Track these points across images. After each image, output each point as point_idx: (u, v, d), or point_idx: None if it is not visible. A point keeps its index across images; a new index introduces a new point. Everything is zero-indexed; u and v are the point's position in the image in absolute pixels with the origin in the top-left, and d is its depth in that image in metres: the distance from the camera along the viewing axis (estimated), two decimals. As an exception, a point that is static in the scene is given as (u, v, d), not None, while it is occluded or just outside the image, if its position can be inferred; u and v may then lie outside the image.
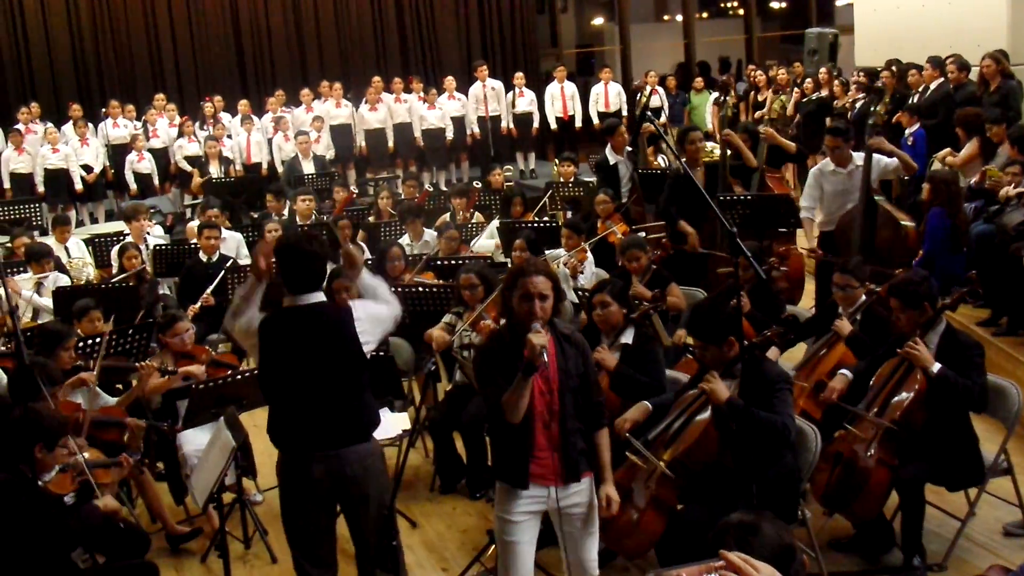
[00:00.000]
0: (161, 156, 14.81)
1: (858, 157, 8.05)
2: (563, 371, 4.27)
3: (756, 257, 4.82)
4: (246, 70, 17.83)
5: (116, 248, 9.67)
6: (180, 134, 14.85)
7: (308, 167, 13.58)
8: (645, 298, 6.74)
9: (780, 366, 5.27)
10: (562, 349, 4.31)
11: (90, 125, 14.97)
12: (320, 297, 4.57)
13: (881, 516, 5.29)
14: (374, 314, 4.60)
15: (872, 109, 11.77)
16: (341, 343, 4.47)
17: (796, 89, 14.22)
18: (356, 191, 13.71)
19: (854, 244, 7.81)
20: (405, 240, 9.65)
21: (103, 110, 15.35)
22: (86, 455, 5.30)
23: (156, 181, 14.77)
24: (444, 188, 15.28)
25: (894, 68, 11.95)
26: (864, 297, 6.12)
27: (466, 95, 16.46)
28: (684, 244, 8.40)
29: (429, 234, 9.74)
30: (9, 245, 10.20)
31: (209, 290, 8.91)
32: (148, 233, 10.21)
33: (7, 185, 14.26)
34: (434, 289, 7.49)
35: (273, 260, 4.61)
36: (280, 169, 14.48)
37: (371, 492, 4.56)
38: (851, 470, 5.15)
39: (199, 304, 8.82)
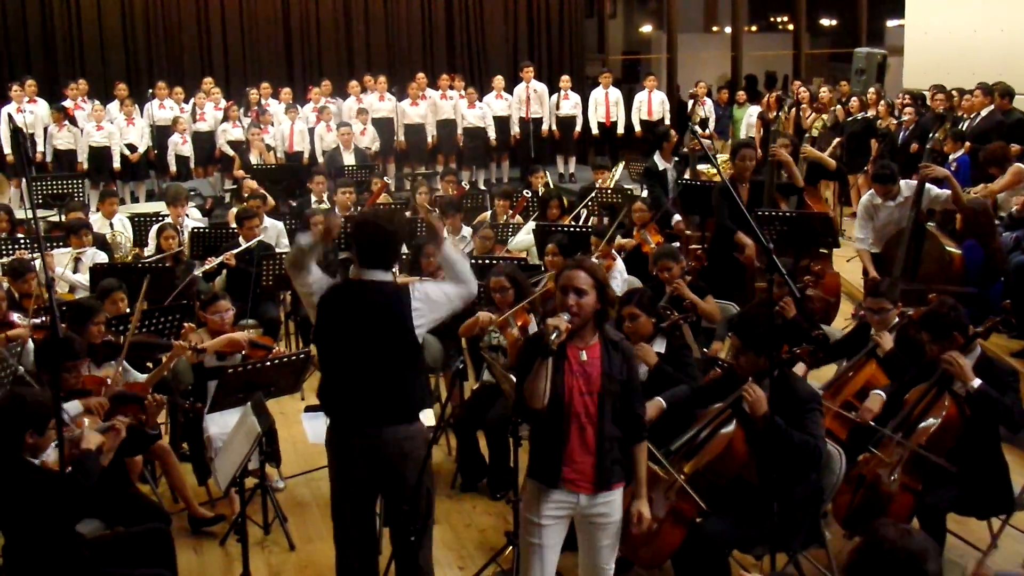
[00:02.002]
0: (207, 140, 14.91)
1: (906, 187, 8.01)
2: (606, 375, 4.25)
3: (790, 274, 4.81)
4: (293, 59, 17.96)
5: (155, 228, 9.76)
6: (225, 118, 14.96)
7: (349, 159, 13.63)
8: (688, 298, 6.77)
9: (810, 385, 5.25)
10: (608, 354, 4.29)
11: (136, 105, 15.09)
12: (386, 276, 4.61)
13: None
14: (435, 296, 4.61)
15: (932, 135, 11.69)
16: (392, 322, 4.51)
17: (841, 107, 14.13)
18: (391, 183, 13.73)
19: (897, 266, 7.77)
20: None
21: (150, 91, 15.49)
22: (86, 421, 5.31)
23: (193, 164, 14.89)
24: (482, 187, 15.31)
25: (946, 93, 11.86)
26: (897, 319, 6.08)
27: (511, 95, 16.46)
28: (740, 254, 8.30)
29: (467, 230, 9.77)
30: (58, 219, 10.34)
31: (233, 252, 9.03)
32: (186, 216, 10.29)
33: (49, 159, 14.38)
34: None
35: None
36: (320, 160, 14.54)
37: (407, 475, 4.54)
38: (873, 493, 5.12)
39: (218, 260, 8.92)
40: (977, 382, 5.01)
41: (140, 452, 5.97)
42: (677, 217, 9.90)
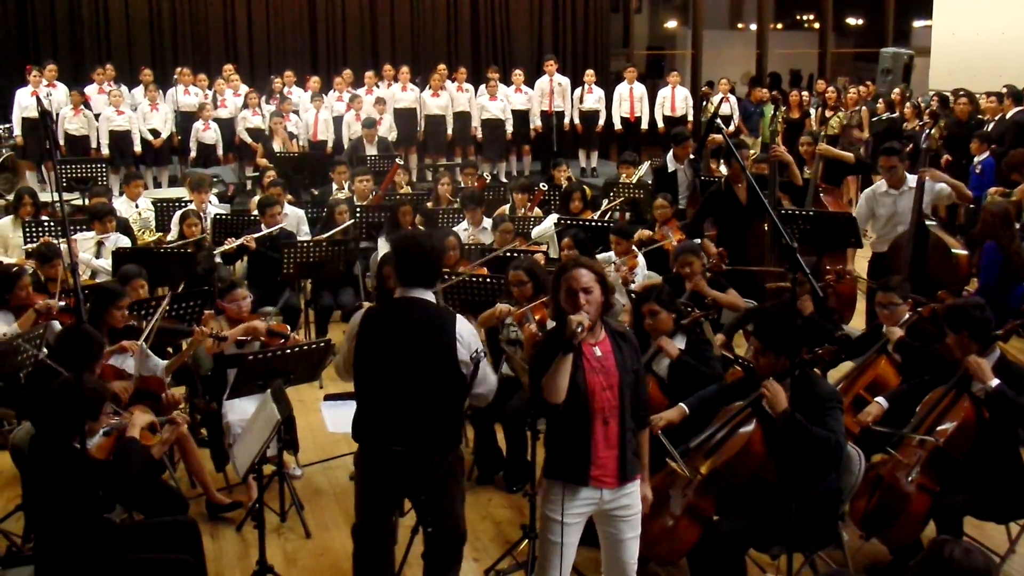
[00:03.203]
0: (227, 127, 14.95)
1: (911, 179, 8.00)
2: (621, 367, 4.27)
3: (813, 274, 4.81)
4: (318, 48, 18.02)
5: (177, 214, 9.81)
6: (245, 106, 14.98)
7: (371, 151, 13.60)
8: (709, 296, 6.76)
9: (830, 383, 5.24)
10: (619, 346, 4.31)
11: (160, 90, 15.15)
12: (428, 295, 4.57)
13: (918, 543, 5.24)
14: (475, 341, 4.58)
15: (928, 133, 11.65)
16: (437, 344, 4.45)
17: (865, 108, 14.07)
18: (412, 173, 13.72)
19: (903, 268, 7.74)
20: (463, 226, 9.70)
21: (174, 76, 15.54)
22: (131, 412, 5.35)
23: (220, 151, 14.94)
24: (503, 179, 15.30)
25: (970, 96, 11.80)
26: (909, 313, 6.07)
27: (533, 88, 16.45)
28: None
29: (487, 222, 9.78)
30: (81, 203, 10.40)
31: (253, 236, 9.09)
32: (208, 203, 10.34)
33: (61, 143, 14.38)
34: (486, 280, 7.50)
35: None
36: (346, 146, 14.52)
37: (442, 498, 4.57)
38: (891, 494, 5.11)
39: (238, 242, 8.98)
40: (995, 382, 5.00)
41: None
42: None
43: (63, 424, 4.55)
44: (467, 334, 4.52)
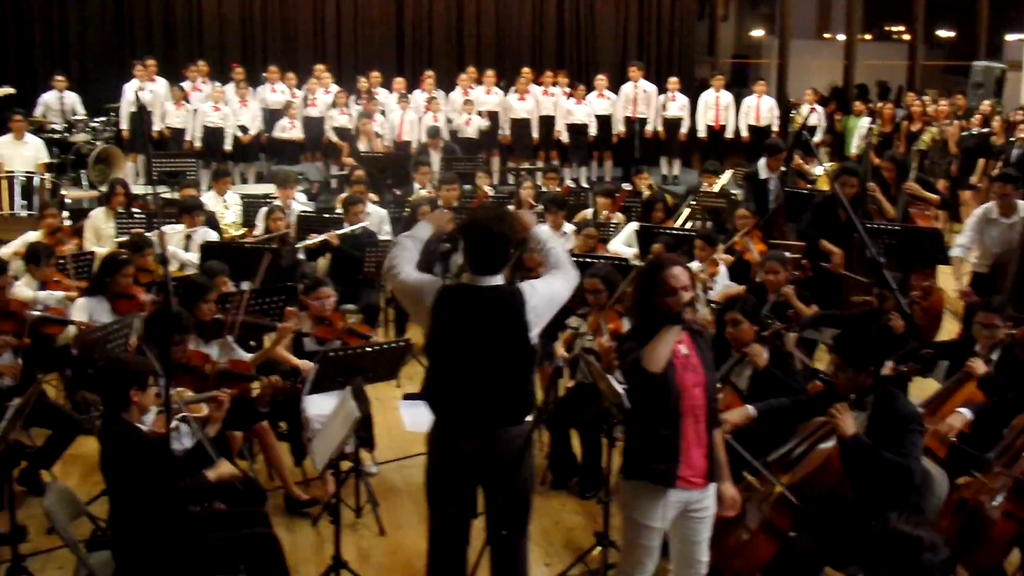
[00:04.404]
0: (315, 125, 15.13)
1: (1022, 206, 7.83)
2: (707, 365, 4.30)
3: (899, 290, 4.74)
4: (404, 50, 18.16)
5: (263, 210, 9.94)
6: (333, 105, 15.15)
7: (436, 159, 13.56)
8: (800, 311, 6.73)
9: (912, 404, 5.16)
10: (698, 344, 4.32)
11: (250, 88, 15.40)
12: (499, 279, 4.57)
13: (1001, 571, 5.14)
14: (548, 296, 4.57)
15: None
16: (510, 328, 4.47)
17: (956, 122, 13.81)
18: (487, 175, 13.74)
19: (1007, 290, 7.59)
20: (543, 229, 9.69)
21: (264, 74, 15.78)
22: (181, 389, 5.44)
23: (303, 149, 15.13)
24: (584, 184, 15.29)
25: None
26: (1005, 334, 5.95)
27: (616, 94, 16.41)
28: (826, 263, 8.21)
29: (568, 227, 9.78)
30: (170, 196, 10.63)
31: (336, 232, 9.19)
32: (294, 199, 10.48)
33: (163, 136, 14.72)
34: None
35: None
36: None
37: (514, 473, 4.54)
38: (974, 519, 5.00)
39: (321, 238, 9.09)
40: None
41: (245, 428, 6.13)
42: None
43: (113, 397, 4.67)
44: (542, 304, 4.51)
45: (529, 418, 4.61)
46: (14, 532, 5.23)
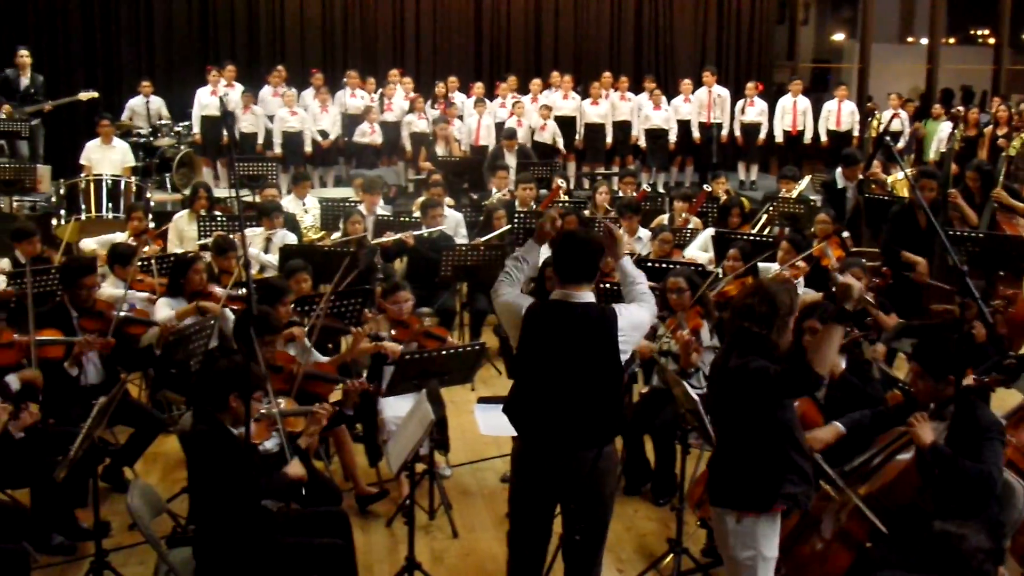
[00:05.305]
0: (392, 129, 15.26)
1: None
2: None
3: (982, 298, 4.66)
4: (482, 55, 18.28)
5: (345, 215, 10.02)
6: (411, 109, 15.27)
7: (511, 160, 13.60)
8: (873, 314, 6.66)
9: (993, 413, 5.06)
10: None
11: (330, 93, 15.57)
12: (590, 296, 4.55)
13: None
14: (636, 322, 4.56)
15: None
16: (601, 347, 4.44)
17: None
18: (570, 182, 13.74)
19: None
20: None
21: (344, 80, 15.94)
22: (281, 402, 5.52)
23: (382, 154, 15.25)
24: (661, 190, 15.22)
25: None
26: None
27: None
28: (910, 272, 8.10)
29: (643, 232, 9.75)
30: (252, 199, 10.80)
31: (412, 233, 9.30)
32: (378, 206, 10.57)
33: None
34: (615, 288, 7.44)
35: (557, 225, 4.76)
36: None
37: (604, 491, 4.57)
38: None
39: (396, 236, 9.21)
40: None
41: (327, 430, 6.19)
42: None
43: (213, 396, 4.73)
44: (629, 328, 4.49)
45: (618, 440, 4.60)
46: (98, 527, 5.37)
